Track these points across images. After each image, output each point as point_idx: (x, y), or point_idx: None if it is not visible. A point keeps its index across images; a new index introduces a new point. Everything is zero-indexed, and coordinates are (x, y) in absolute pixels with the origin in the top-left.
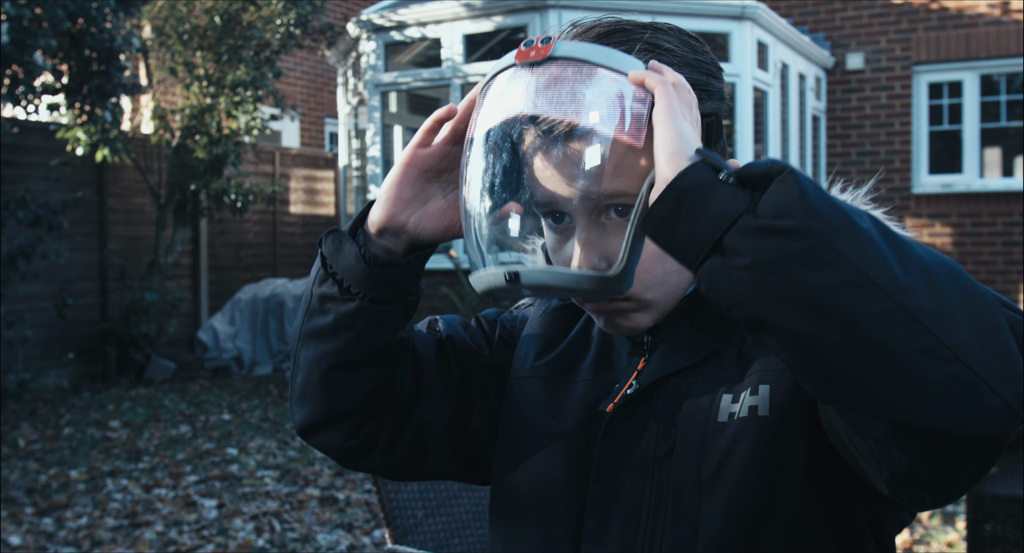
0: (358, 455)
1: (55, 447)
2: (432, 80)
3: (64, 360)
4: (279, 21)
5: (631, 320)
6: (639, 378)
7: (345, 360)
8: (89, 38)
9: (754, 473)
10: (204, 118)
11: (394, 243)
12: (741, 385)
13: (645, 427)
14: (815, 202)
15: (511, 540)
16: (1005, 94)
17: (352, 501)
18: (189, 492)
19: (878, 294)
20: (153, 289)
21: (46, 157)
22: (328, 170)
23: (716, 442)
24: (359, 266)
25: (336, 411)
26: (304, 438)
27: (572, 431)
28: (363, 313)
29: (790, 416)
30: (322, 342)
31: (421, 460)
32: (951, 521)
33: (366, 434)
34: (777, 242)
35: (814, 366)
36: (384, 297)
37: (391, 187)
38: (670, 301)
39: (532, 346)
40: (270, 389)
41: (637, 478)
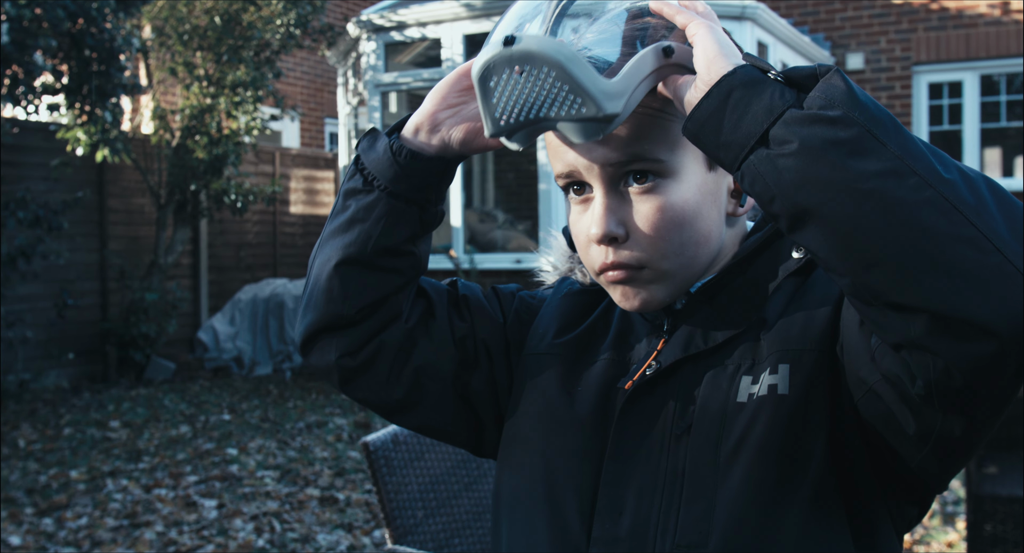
0: (355, 374)
1: (55, 447)
2: (432, 80)
3: (64, 360)
4: (279, 21)
5: (647, 291)
6: (658, 358)
7: (353, 254)
8: (89, 38)
9: (772, 450)
10: (204, 118)
11: (426, 142)
12: (760, 367)
13: (662, 406)
14: (861, 97)
15: (519, 515)
16: (1005, 94)
17: (352, 501)
18: (189, 492)
19: (920, 184)
20: (153, 289)
21: (46, 157)
22: (328, 170)
23: (735, 422)
24: (386, 157)
25: (336, 315)
26: (304, 354)
27: (588, 409)
28: (379, 204)
29: (810, 395)
30: (336, 238)
31: (416, 404)
32: (951, 521)
33: (365, 356)
34: (823, 130)
35: (856, 254)
36: (403, 191)
37: (441, 87)
38: (685, 276)
39: (551, 325)
40: (270, 389)
41: (652, 456)
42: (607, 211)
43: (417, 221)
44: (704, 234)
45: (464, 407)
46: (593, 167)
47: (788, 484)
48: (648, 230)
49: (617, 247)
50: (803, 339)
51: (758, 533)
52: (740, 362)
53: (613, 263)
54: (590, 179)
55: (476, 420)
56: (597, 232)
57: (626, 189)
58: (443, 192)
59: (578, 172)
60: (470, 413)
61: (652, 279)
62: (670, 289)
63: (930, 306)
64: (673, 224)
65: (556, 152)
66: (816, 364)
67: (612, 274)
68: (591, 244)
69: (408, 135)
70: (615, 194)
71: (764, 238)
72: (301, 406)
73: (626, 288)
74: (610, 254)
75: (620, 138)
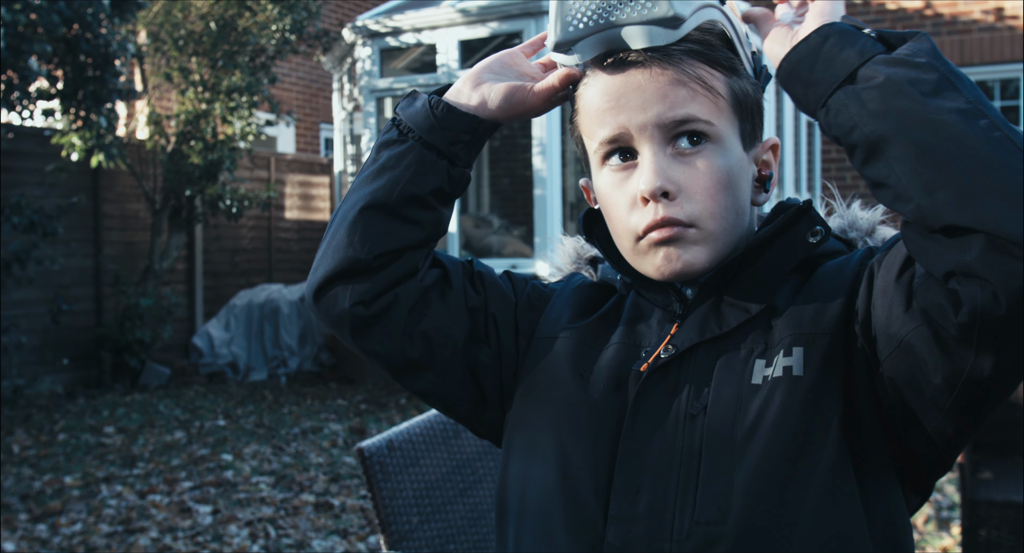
0: (367, 324)
1: (49, 453)
2: (427, 86)
3: (59, 366)
4: (275, 27)
5: (691, 252)
6: (673, 341)
7: (380, 199)
8: (84, 44)
9: (788, 429)
10: (199, 124)
11: (466, 99)
12: (773, 351)
13: (677, 388)
14: (944, 56)
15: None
16: (999, 100)
17: (347, 507)
18: (184, 498)
19: (990, 125)
20: (148, 295)
21: (41, 163)
22: (324, 176)
23: (750, 402)
24: (423, 110)
25: (354, 259)
26: (315, 303)
27: (601, 391)
28: (411, 153)
29: (824, 376)
30: (364, 187)
31: (426, 367)
32: (946, 526)
33: (379, 307)
34: (907, 71)
35: (924, 177)
36: (435, 142)
37: (488, 59)
38: (725, 244)
39: (564, 312)
40: (265, 395)
41: (668, 435)
42: (659, 167)
43: (446, 174)
44: (742, 205)
45: (471, 379)
46: (647, 126)
47: (804, 462)
48: (698, 188)
49: (667, 204)
50: (816, 324)
51: (776, 510)
52: (753, 346)
53: (663, 218)
54: (640, 140)
55: (480, 395)
56: (647, 187)
57: (675, 151)
58: (472, 153)
59: (628, 134)
60: (475, 387)
61: (698, 239)
62: (710, 255)
63: (986, 226)
64: (721, 185)
65: (603, 117)
66: (830, 346)
67: (659, 233)
68: (634, 207)
69: (449, 95)
70: (666, 156)
71: (775, 228)
72: (296, 412)
73: (670, 249)
74: (660, 210)
75: (675, 98)
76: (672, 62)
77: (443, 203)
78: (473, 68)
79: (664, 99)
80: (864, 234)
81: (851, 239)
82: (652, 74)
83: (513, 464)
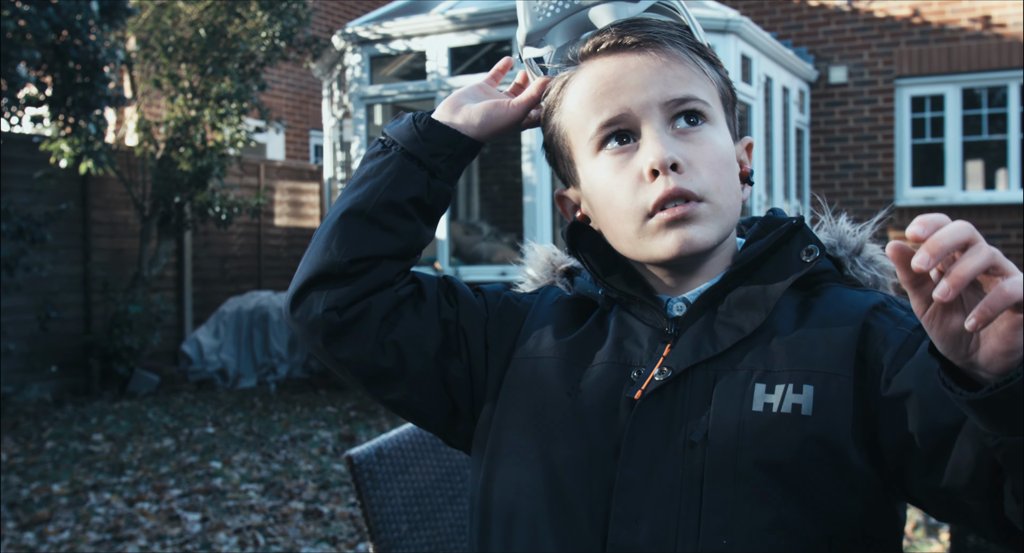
0: (339, 331)
1: (37, 461)
2: (417, 93)
3: (47, 373)
4: (264, 34)
5: (703, 229)
6: (668, 363)
7: (358, 205)
8: (73, 50)
9: (792, 465)
10: (189, 130)
11: (448, 119)
12: (774, 375)
13: (674, 412)
14: None
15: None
16: (987, 107)
17: (336, 515)
18: (172, 506)
19: None
20: (137, 302)
21: (29, 169)
22: (313, 183)
23: (753, 431)
24: (406, 124)
25: (330, 263)
26: (291, 311)
27: (592, 414)
28: (391, 162)
29: (833, 418)
30: (346, 196)
31: (398, 377)
32: (935, 533)
33: (351, 314)
34: None
35: None
36: (416, 152)
37: (460, 89)
38: (729, 221)
39: (545, 330)
40: (254, 402)
41: (668, 463)
42: (665, 140)
43: (425, 185)
44: (737, 192)
45: (443, 391)
46: (649, 105)
47: (809, 496)
48: (704, 163)
49: (676, 176)
50: (828, 361)
51: (782, 542)
52: (752, 368)
53: (676, 188)
54: (642, 119)
55: (453, 408)
56: (657, 158)
57: (675, 131)
58: (453, 168)
59: (629, 115)
60: (448, 399)
61: (709, 214)
62: (719, 232)
63: None
64: (723, 162)
65: (601, 100)
66: (842, 389)
67: (671, 212)
68: (640, 185)
69: (433, 114)
70: (670, 134)
71: (766, 244)
72: (285, 419)
73: (683, 229)
74: (671, 181)
75: (674, 78)
76: (666, 46)
77: (423, 216)
78: (449, 96)
79: (664, 79)
80: (852, 253)
81: (839, 258)
82: (649, 56)
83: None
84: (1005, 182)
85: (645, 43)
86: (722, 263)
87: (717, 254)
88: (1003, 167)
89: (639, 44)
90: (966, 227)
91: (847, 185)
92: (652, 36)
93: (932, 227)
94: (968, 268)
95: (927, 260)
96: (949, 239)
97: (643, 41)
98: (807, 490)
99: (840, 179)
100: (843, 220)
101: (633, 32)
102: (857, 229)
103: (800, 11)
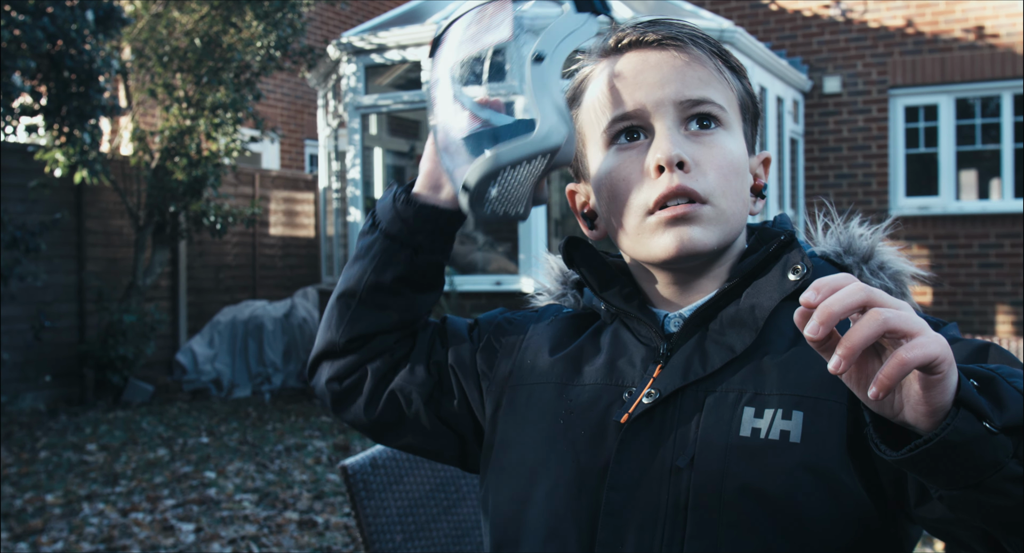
0: (342, 397)
1: (31, 471)
2: (412, 102)
3: (41, 383)
4: (259, 43)
5: (703, 231)
6: (656, 385)
7: (350, 288)
8: (68, 60)
9: (777, 493)
10: (184, 140)
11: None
12: (763, 399)
13: (662, 436)
14: None
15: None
16: (980, 117)
17: (331, 525)
18: (167, 516)
19: None
20: (131, 311)
21: (24, 179)
22: (308, 192)
23: (739, 457)
24: (388, 200)
25: (331, 342)
26: (309, 378)
27: (583, 437)
28: (376, 243)
29: (823, 445)
30: (344, 273)
31: (396, 424)
32: (929, 542)
33: (350, 382)
34: None
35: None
36: (396, 233)
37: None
38: (733, 228)
39: (540, 351)
40: (249, 412)
41: (653, 487)
42: (675, 138)
43: (407, 264)
44: (745, 200)
45: (444, 428)
46: (663, 103)
47: (794, 524)
48: (712, 165)
49: (682, 174)
50: (820, 387)
51: None
52: (741, 389)
53: (679, 186)
54: (655, 116)
55: (461, 439)
56: (664, 154)
57: (687, 132)
58: (438, 242)
59: (643, 111)
60: (452, 433)
61: (712, 217)
62: (720, 237)
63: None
64: (732, 168)
65: (617, 95)
66: (834, 414)
67: (672, 211)
68: (645, 180)
69: (416, 184)
70: (681, 133)
71: (759, 261)
72: (280, 429)
73: (682, 228)
74: (675, 178)
75: (692, 79)
76: (687, 46)
77: (415, 289)
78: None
79: (682, 78)
80: (861, 259)
81: (847, 265)
82: (669, 54)
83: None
84: (999, 191)
85: (667, 41)
86: (722, 276)
87: (719, 265)
88: (997, 176)
89: (661, 42)
90: (859, 291)
91: (841, 195)
92: (675, 35)
93: (826, 292)
94: (857, 339)
95: (816, 328)
96: (839, 306)
97: (665, 39)
98: (796, 518)
99: (834, 188)
100: (855, 223)
101: (656, 30)
102: (870, 232)
103: (794, 21)
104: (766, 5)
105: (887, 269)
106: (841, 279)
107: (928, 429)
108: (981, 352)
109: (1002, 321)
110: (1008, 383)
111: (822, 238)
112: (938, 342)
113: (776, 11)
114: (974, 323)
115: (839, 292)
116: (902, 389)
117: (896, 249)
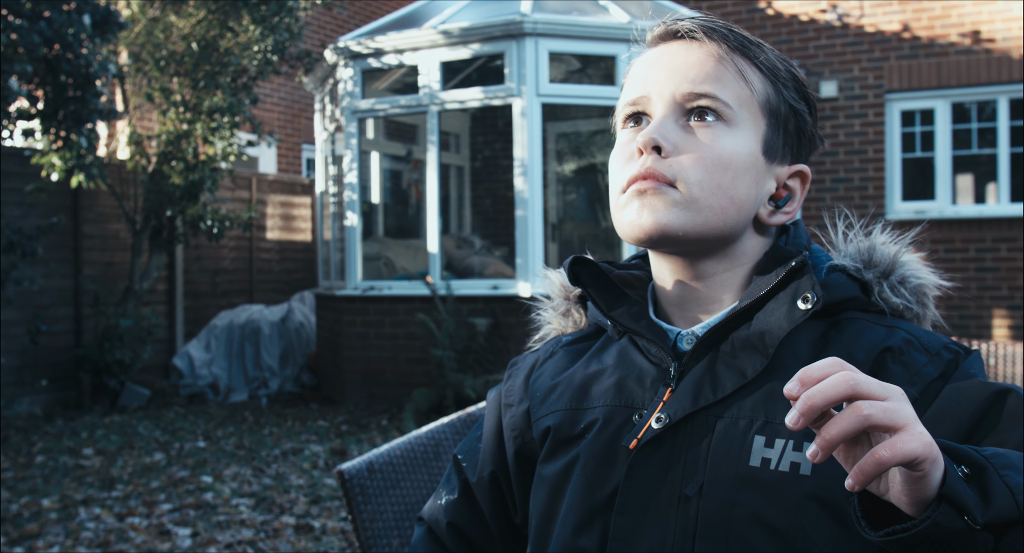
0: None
1: (27, 475)
2: (409, 107)
3: (37, 387)
4: (256, 48)
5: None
6: (666, 410)
7: None
8: (65, 64)
9: (786, 524)
10: (180, 144)
11: None
12: (775, 428)
13: (671, 462)
14: None
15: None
16: (976, 122)
17: (328, 529)
18: (163, 521)
19: None
20: (128, 315)
21: (21, 182)
22: (305, 196)
23: (749, 487)
24: None
25: None
26: None
27: (594, 462)
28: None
29: (832, 477)
30: None
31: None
32: None
33: None
34: None
35: None
36: None
37: None
38: (710, 221)
39: (546, 385)
40: (245, 416)
41: (662, 514)
42: (661, 125)
43: None
44: (737, 199)
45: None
46: (664, 94)
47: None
48: (693, 157)
49: (656, 158)
50: None
51: None
52: (752, 417)
53: (648, 169)
54: (657, 105)
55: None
56: (643, 137)
57: (687, 124)
58: None
59: (648, 98)
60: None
61: (677, 201)
62: (687, 224)
63: None
64: (718, 163)
65: (634, 81)
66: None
67: (642, 184)
68: (628, 162)
69: None
70: (674, 122)
71: (767, 285)
72: (277, 433)
73: (643, 201)
74: (648, 161)
75: (702, 74)
76: (708, 42)
77: None
78: None
79: (689, 72)
80: (881, 273)
81: (867, 281)
82: (688, 47)
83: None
84: (995, 196)
85: (691, 34)
86: (731, 284)
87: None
88: (993, 181)
89: (683, 34)
90: (843, 384)
91: (838, 199)
92: (701, 28)
93: (809, 383)
94: (836, 434)
95: (796, 419)
96: (821, 398)
97: (689, 32)
98: (804, 548)
99: (831, 192)
100: (877, 231)
101: (686, 24)
102: (892, 241)
103: (791, 26)
104: (763, 10)
105: (908, 283)
106: (827, 367)
107: (913, 514)
108: (998, 398)
109: (999, 325)
110: (1000, 476)
111: (843, 244)
112: (921, 440)
113: (772, 15)
114: (971, 327)
115: (823, 384)
116: (887, 475)
117: (919, 257)
